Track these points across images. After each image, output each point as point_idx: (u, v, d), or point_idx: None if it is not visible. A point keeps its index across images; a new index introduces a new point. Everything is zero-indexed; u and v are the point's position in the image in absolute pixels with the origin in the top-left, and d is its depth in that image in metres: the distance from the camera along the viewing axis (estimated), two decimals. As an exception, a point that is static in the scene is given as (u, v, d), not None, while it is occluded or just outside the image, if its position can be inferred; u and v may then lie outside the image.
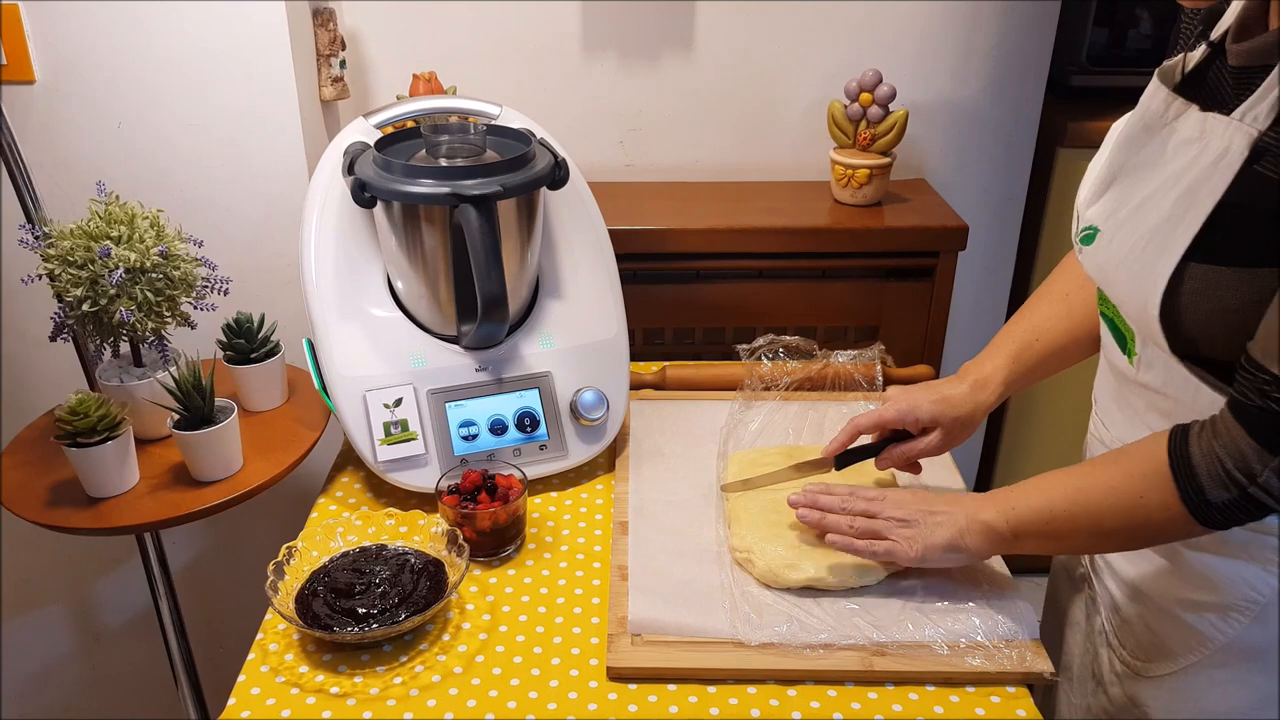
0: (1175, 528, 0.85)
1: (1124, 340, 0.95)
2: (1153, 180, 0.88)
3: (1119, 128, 0.98)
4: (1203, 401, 0.87)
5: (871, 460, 1.17)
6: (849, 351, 1.38)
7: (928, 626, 1.00)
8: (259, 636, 1.03)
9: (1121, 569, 1.03)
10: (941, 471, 1.25)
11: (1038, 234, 2.01)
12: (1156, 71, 0.93)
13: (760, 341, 1.38)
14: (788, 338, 1.38)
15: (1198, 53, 0.89)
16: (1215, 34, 0.88)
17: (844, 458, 1.16)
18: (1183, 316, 0.83)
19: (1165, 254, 0.83)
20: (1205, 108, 0.85)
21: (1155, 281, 0.84)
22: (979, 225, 1.89)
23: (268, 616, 1.05)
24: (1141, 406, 0.95)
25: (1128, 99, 1.97)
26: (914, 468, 1.18)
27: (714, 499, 1.20)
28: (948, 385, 1.14)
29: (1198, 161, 0.83)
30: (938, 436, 1.13)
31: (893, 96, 1.68)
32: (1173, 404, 0.90)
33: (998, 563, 1.09)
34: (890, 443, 1.15)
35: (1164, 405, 0.92)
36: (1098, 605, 1.09)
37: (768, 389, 1.36)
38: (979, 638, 0.99)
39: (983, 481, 2.25)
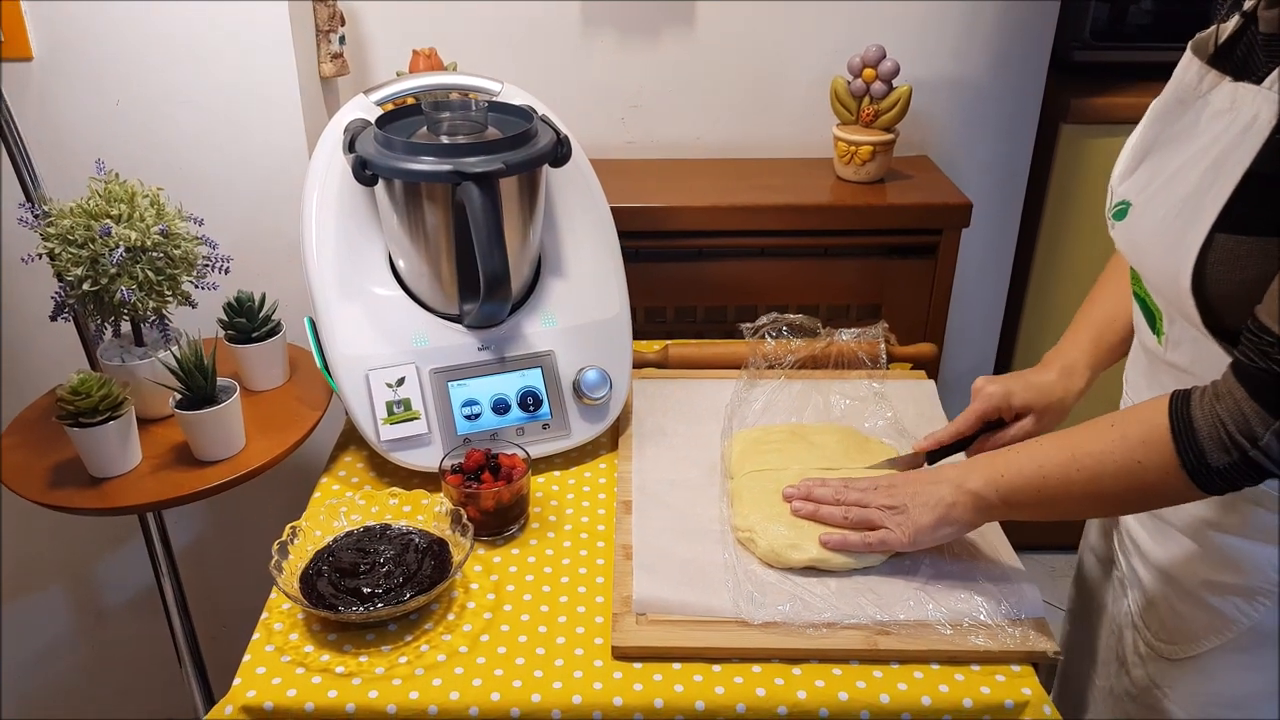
0: (1173, 492, 0.85)
1: (1153, 319, 0.95)
2: (1184, 153, 0.87)
3: (1154, 101, 0.96)
4: None
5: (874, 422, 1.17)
6: (852, 330, 1.38)
7: (931, 606, 1.00)
8: (264, 616, 1.03)
9: (1149, 550, 1.02)
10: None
11: (1041, 211, 2.00)
12: (1190, 43, 0.92)
13: (763, 320, 1.38)
14: (791, 316, 1.37)
15: (1231, 23, 0.88)
16: (1248, 3, 0.86)
17: (935, 454, 1.16)
18: (1212, 286, 0.82)
19: (1194, 226, 0.83)
20: (1237, 78, 0.84)
21: (1185, 254, 0.83)
22: (982, 202, 1.88)
23: (272, 596, 1.05)
24: (1170, 385, 0.93)
25: (1131, 74, 1.97)
26: None
27: (717, 478, 1.20)
28: (1035, 374, 1.13)
29: (1227, 132, 0.82)
30: (1030, 422, 1.11)
31: (896, 72, 1.67)
32: (1199, 382, 0.88)
33: (1002, 542, 1.09)
34: (981, 435, 1.14)
35: (1191, 383, 0.90)
36: (1125, 587, 1.08)
37: (771, 367, 1.36)
38: (982, 617, 0.99)
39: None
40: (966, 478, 0.98)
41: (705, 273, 1.70)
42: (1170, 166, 0.88)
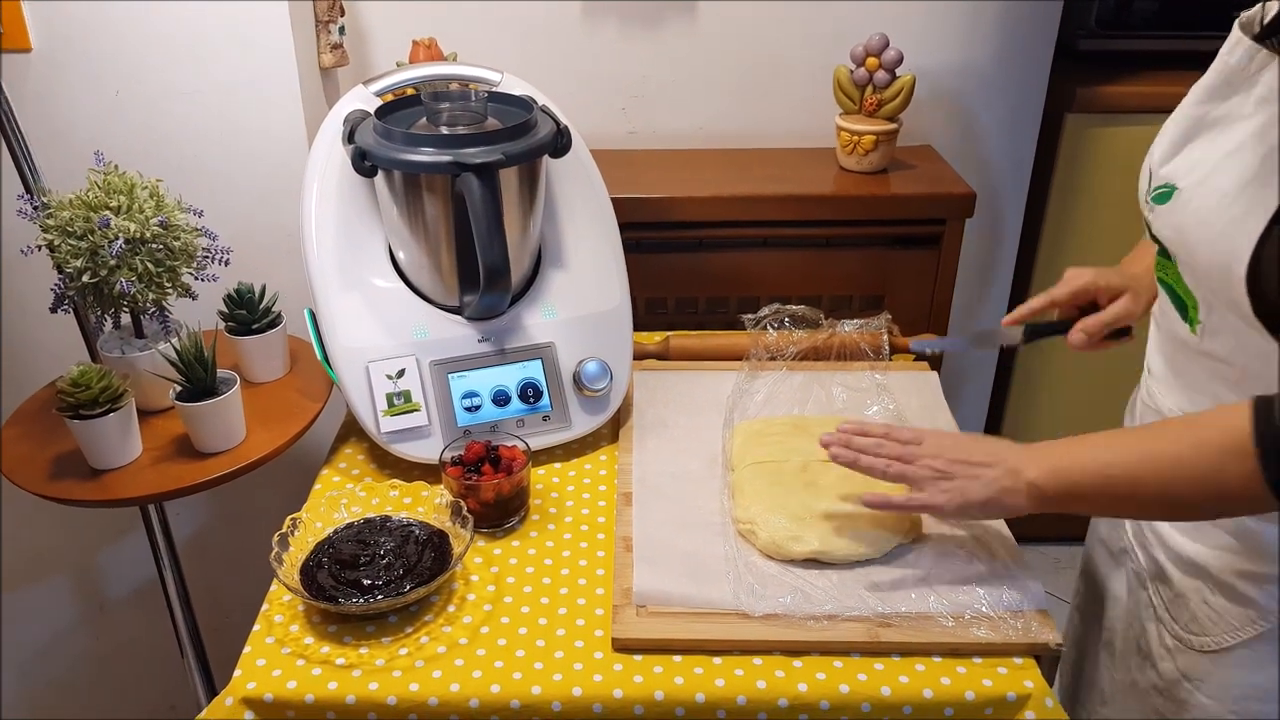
0: (1252, 502, 0.81)
1: (1184, 308, 0.92)
2: (1235, 135, 0.84)
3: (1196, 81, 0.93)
4: (1274, 371, 0.84)
5: (875, 409, 1.15)
6: (855, 321, 1.37)
7: (933, 598, 1.00)
8: (264, 608, 1.03)
9: (1176, 542, 1.00)
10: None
11: (1045, 201, 1.99)
12: (1236, 23, 0.88)
13: (765, 311, 1.37)
14: (793, 307, 1.37)
15: (1277, 2, 0.84)
16: None
17: (1034, 330, 1.12)
18: (1266, 280, 0.79)
19: (1252, 214, 0.80)
20: None
21: (1242, 242, 0.80)
22: (986, 192, 1.88)
23: (273, 588, 1.05)
24: (1203, 376, 0.92)
25: (1137, 63, 1.95)
26: (1105, 344, 1.11)
27: (718, 470, 1.20)
28: (1127, 264, 1.11)
29: None
30: (1128, 300, 1.07)
31: (899, 61, 1.66)
32: (1240, 373, 0.87)
33: (1003, 534, 1.09)
34: (1079, 318, 1.10)
35: (1230, 374, 0.89)
36: (1143, 579, 1.06)
37: (773, 359, 1.35)
38: (984, 609, 0.98)
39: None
40: (1025, 465, 0.94)
41: (706, 264, 1.69)
42: (1220, 150, 0.85)
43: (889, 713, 0.93)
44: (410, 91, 1.30)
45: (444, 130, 1.19)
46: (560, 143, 1.21)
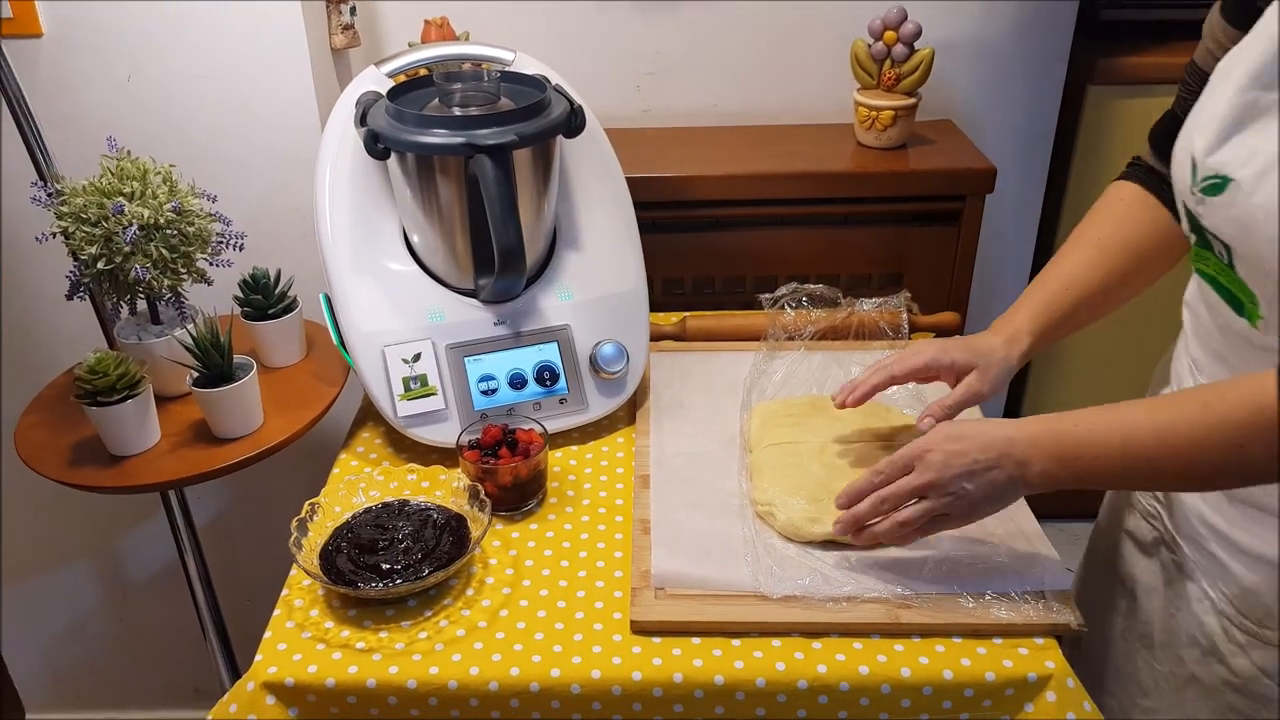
0: (1266, 476, 0.80)
1: (1238, 303, 0.88)
2: None
3: (1232, 63, 0.87)
4: None
5: (894, 389, 1.14)
6: (874, 300, 1.36)
7: (954, 580, 0.99)
8: (284, 592, 1.04)
9: (1238, 538, 0.95)
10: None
11: (1067, 175, 1.96)
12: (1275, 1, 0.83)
13: (783, 290, 1.36)
14: (811, 286, 1.35)
15: None
16: None
17: None
18: None
19: None
20: None
21: None
22: (1007, 167, 1.85)
23: (292, 572, 1.06)
24: (1258, 368, 0.86)
25: (1161, 33, 1.92)
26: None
27: (736, 451, 1.19)
28: (978, 339, 1.09)
29: None
30: (975, 379, 1.06)
31: (918, 34, 1.63)
32: None
33: (1025, 513, 1.08)
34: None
35: None
36: (1187, 570, 1.01)
37: (791, 339, 1.34)
38: (1006, 588, 0.98)
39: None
40: (1031, 457, 0.90)
41: (723, 243, 1.68)
42: None
43: (909, 694, 0.92)
44: (423, 72, 1.29)
45: (457, 111, 1.18)
46: (574, 122, 1.20)
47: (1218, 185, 0.85)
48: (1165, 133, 0.99)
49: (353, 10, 1.58)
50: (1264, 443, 0.77)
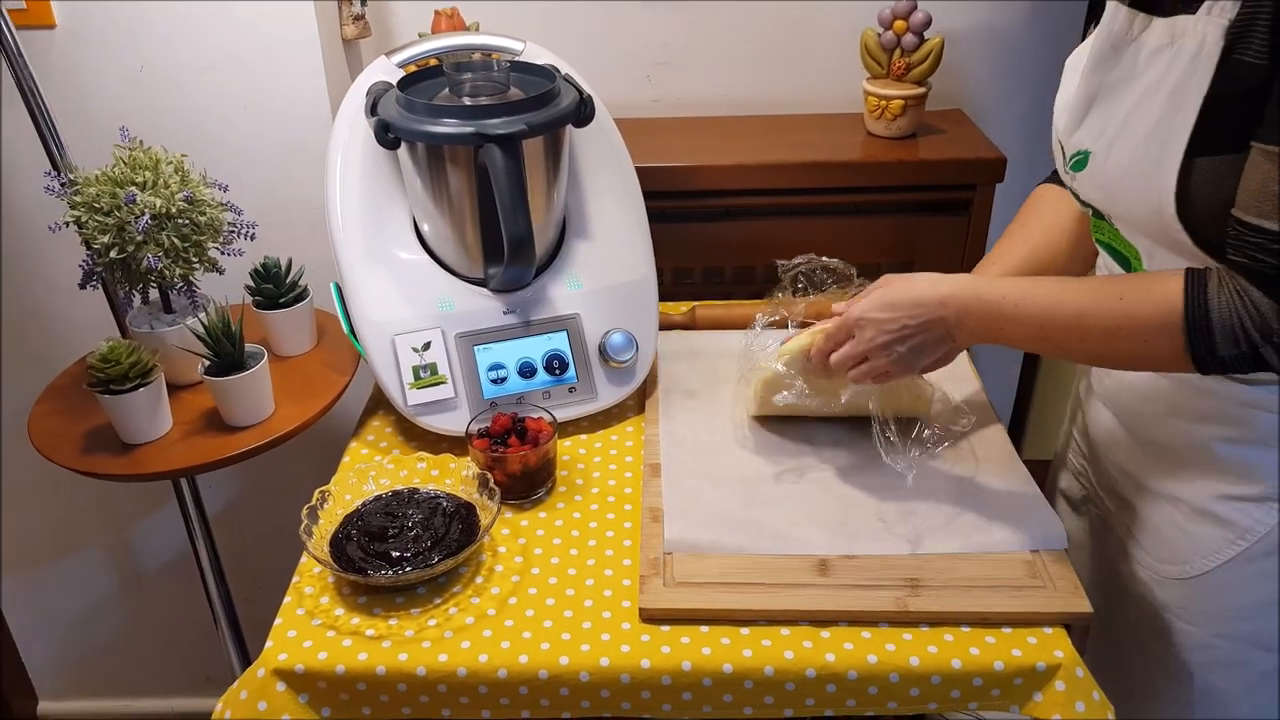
0: (1171, 367, 0.90)
1: (1128, 262, 0.98)
2: (1134, 92, 0.90)
3: (1078, 57, 1.02)
4: None
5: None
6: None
7: (955, 538, 1.03)
8: (294, 580, 1.04)
9: (1146, 480, 1.05)
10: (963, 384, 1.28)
11: (1077, 165, 1.95)
12: None
13: (799, 260, 1.34)
14: (826, 259, 1.34)
15: None
16: None
17: None
18: (1197, 210, 0.85)
19: (1166, 155, 0.86)
20: (1168, 13, 0.87)
21: (1164, 183, 0.86)
22: (1017, 157, 1.84)
23: (303, 560, 1.06)
24: None
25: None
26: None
27: (746, 439, 1.19)
28: None
29: (1175, 63, 0.85)
30: None
31: (928, 23, 1.63)
32: None
33: (1023, 474, 1.12)
34: None
35: None
36: (1109, 522, 1.12)
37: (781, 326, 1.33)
38: (1008, 548, 1.02)
39: (1019, 411, 2.22)
40: (960, 323, 0.98)
41: (733, 232, 1.68)
42: (1123, 108, 0.91)
43: (917, 683, 0.92)
44: (433, 62, 1.29)
45: (467, 101, 1.18)
46: (583, 112, 1.20)
47: (1080, 161, 0.97)
48: None
49: (363, 1, 1.58)
50: (1167, 340, 0.86)
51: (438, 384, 1.19)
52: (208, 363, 1.22)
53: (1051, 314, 0.93)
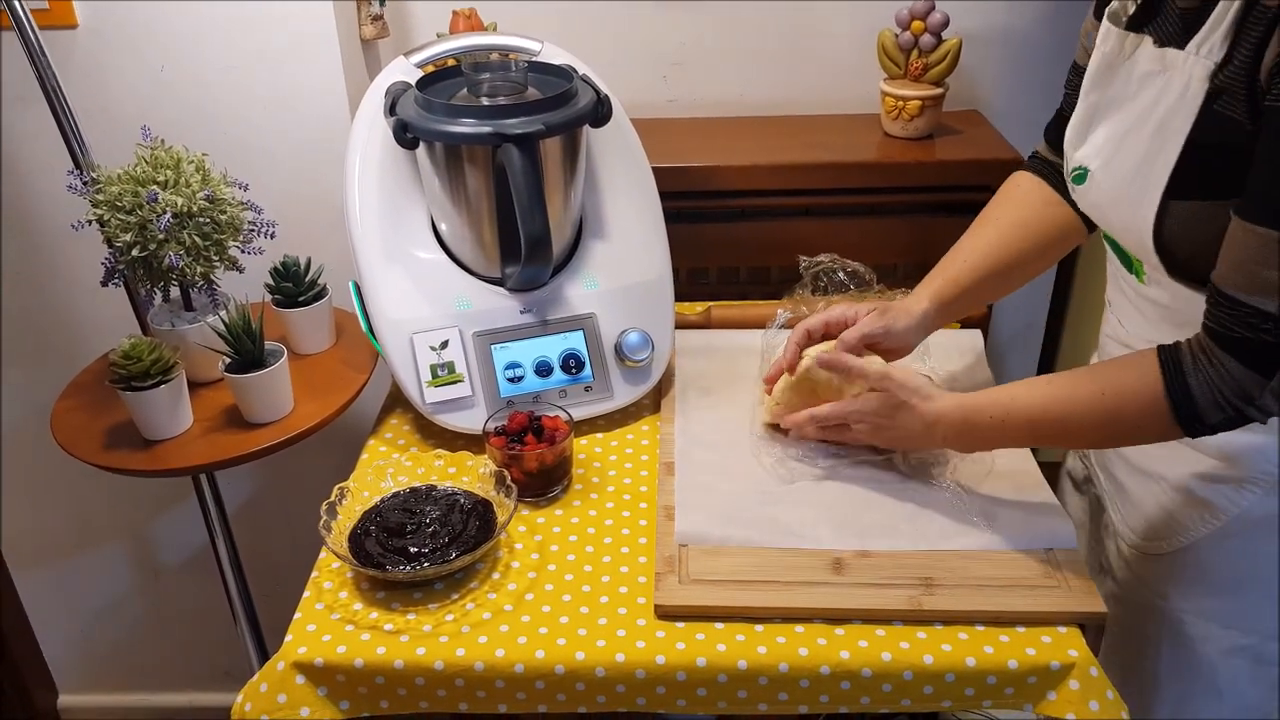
0: (1162, 439, 0.91)
1: (1129, 261, 1.00)
2: (1127, 116, 0.93)
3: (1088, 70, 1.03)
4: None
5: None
6: (903, 290, 1.35)
7: (969, 536, 1.04)
8: (314, 575, 1.05)
9: (1136, 459, 1.08)
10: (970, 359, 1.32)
11: (1094, 166, 1.94)
12: (1105, 14, 0.97)
13: (823, 258, 1.35)
14: (849, 261, 1.35)
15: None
16: None
17: None
18: (1174, 248, 0.89)
19: (1147, 193, 0.89)
20: (1160, 43, 0.90)
21: (1144, 218, 0.90)
22: (1033, 157, 1.84)
23: (322, 555, 1.07)
24: (1155, 316, 1.00)
25: (1192, 22, 1.87)
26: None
27: (761, 437, 1.20)
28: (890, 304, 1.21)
29: (1164, 96, 0.88)
30: (876, 315, 1.16)
31: (945, 24, 1.63)
32: (1184, 315, 0.94)
33: (1036, 475, 1.12)
34: None
35: (1177, 317, 0.96)
36: (1103, 502, 1.15)
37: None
38: (1021, 546, 1.02)
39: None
40: (948, 440, 1.04)
41: (748, 233, 1.68)
42: (1118, 131, 0.94)
43: (931, 681, 0.93)
44: (451, 62, 1.30)
45: (485, 101, 1.19)
46: (601, 112, 1.21)
47: (1080, 176, 1.01)
48: (1056, 128, 1.12)
49: (382, 1, 1.59)
50: (1155, 423, 0.89)
51: (455, 382, 1.20)
52: (228, 360, 1.23)
53: (1039, 422, 0.97)
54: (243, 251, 1.29)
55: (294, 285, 1.36)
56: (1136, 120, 0.91)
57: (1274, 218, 0.79)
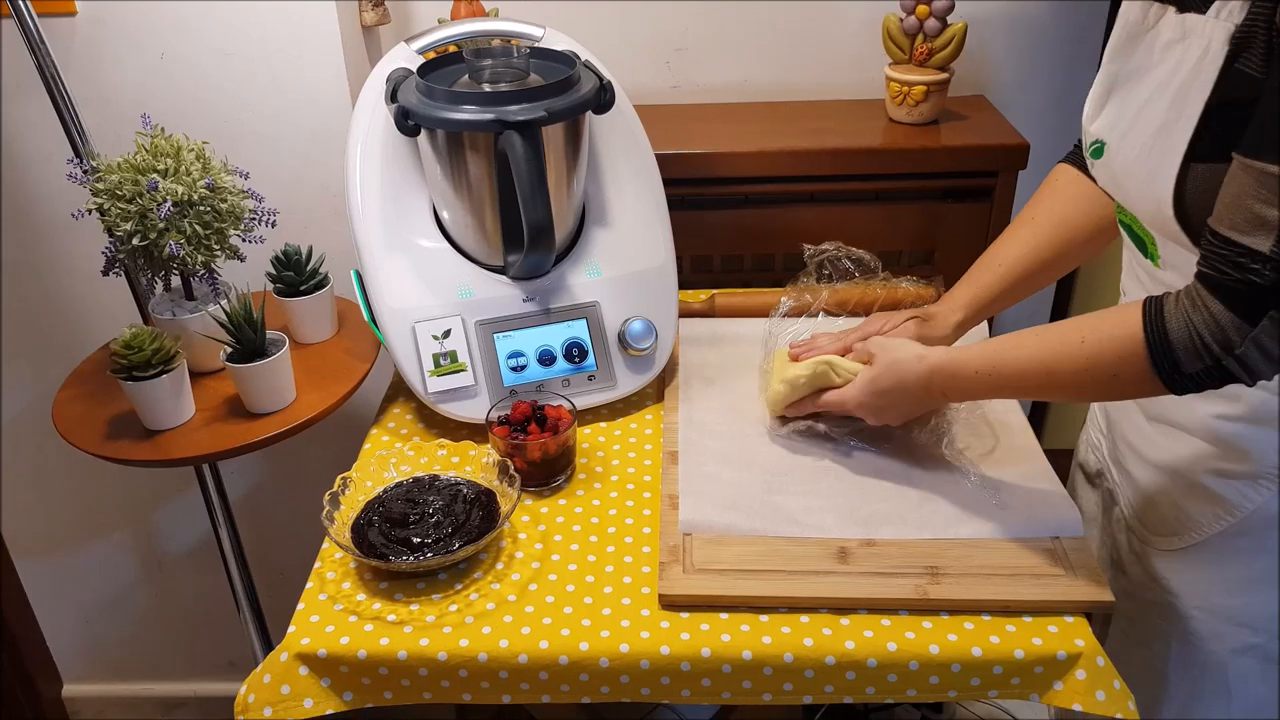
0: (1144, 393, 0.89)
1: (1144, 245, 0.99)
2: (1146, 87, 0.92)
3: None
4: None
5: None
6: (910, 278, 1.34)
7: (975, 525, 1.03)
8: (317, 565, 1.05)
9: (1148, 452, 1.07)
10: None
11: (1100, 151, 1.93)
12: None
13: (827, 246, 1.34)
14: (853, 249, 1.34)
15: None
16: None
17: None
18: (1194, 214, 0.87)
19: (1167, 158, 0.87)
20: (1182, 9, 0.88)
21: (1164, 185, 0.88)
22: (1040, 143, 1.82)
23: (325, 545, 1.07)
24: None
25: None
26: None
27: (765, 427, 1.19)
28: (929, 307, 1.22)
29: (1184, 62, 0.86)
30: (914, 325, 1.18)
31: (951, 8, 1.61)
32: None
33: (1043, 464, 1.12)
34: None
35: None
36: (1115, 496, 1.14)
37: (801, 315, 1.32)
38: (1028, 535, 1.02)
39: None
40: (945, 392, 1.04)
41: (752, 220, 1.67)
42: (1136, 102, 0.93)
43: (937, 670, 0.92)
44: (453, 49, 1.29)
45: (486, 87, 1.18)
46: (603, 98, 1.20)
47: (1098, 149, 1.00)
48: None
49: (382, -13, 1.58)
50: (1133, 369, 0.87)
51: (458, 371, 1.20)
52: (230, 349, 1.22)
53: (1024, 372, 0.96)
54: (244, 240, 1.28)
55: (295, 274, 1.35)
56: (1155, 90, 0.90)
57: (1277, 151, 0.77)
